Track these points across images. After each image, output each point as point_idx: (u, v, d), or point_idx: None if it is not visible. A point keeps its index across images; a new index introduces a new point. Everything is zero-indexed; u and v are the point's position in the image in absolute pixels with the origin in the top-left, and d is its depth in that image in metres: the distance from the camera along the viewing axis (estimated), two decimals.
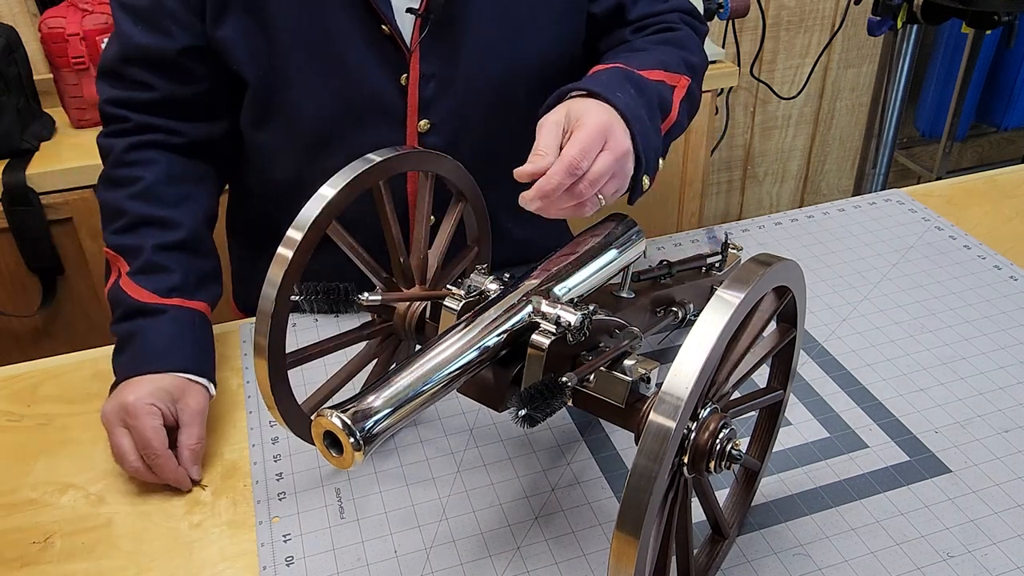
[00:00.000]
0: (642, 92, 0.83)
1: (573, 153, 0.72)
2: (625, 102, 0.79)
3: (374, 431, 0.56)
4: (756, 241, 1.12)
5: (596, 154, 0.74)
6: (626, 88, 0.82)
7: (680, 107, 0.90)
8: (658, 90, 0.87)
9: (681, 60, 0.93)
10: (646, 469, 0.49)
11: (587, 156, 0.73)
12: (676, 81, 0.91)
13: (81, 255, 1.74)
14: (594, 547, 0.72)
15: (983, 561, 0.70)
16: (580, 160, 0.72)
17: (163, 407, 0.80)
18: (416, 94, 0.93)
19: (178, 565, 0.73)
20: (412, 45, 0.90)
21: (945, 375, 0.89)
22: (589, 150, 0.73)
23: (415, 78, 0.92)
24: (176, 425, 0.81)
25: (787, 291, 0.64)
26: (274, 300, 0.68)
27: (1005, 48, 2.30)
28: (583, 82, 0.82)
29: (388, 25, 0.88)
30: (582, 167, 0.72)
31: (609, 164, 0.74)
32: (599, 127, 0.75)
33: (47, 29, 1.65)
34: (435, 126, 0.95)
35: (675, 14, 1.00)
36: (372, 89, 0.92)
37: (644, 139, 0.80)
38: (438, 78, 0.93)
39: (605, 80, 0.82)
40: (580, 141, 0.73)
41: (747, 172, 2.73)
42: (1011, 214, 1.17)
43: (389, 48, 0.90)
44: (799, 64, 2.57)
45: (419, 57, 0.91)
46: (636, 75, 0.85)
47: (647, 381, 0.65)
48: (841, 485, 0.77)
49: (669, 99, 0.88)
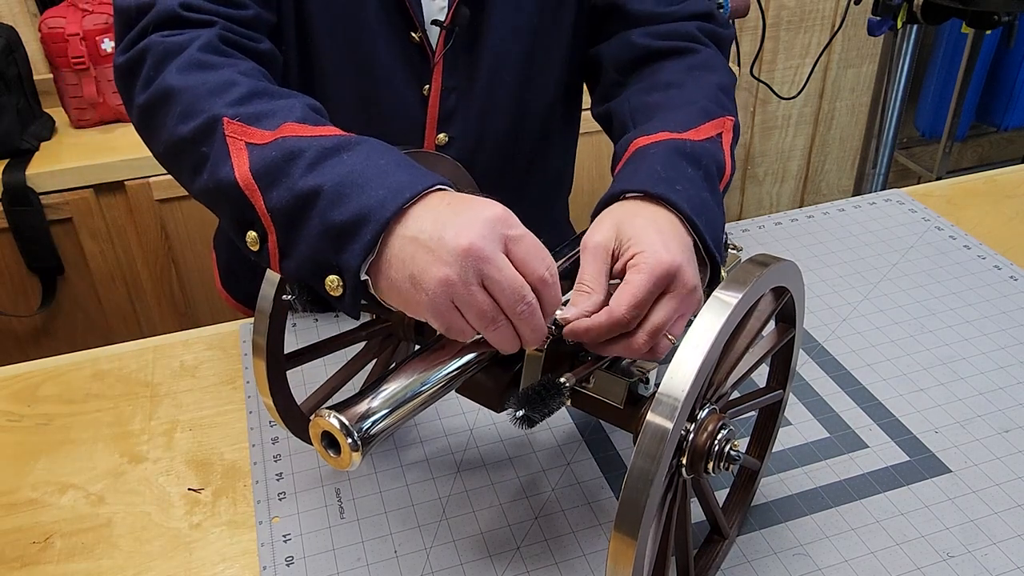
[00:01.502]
0: (699, 165, 0.73)
1: (622, 312, 0.61)
2: (688, 196, 0.68)
3: (372, 432, 0.57)
4: (756, 241, 1.12)
5: (653, 303, 0.63)
6: (684, 170, 0.71)
7: (731, 154, 0.79)
8: (712, 153, 0.76)
9: (716, 92, 0.83)
10: (643, 470, 0.49)
11: (640, 309, 0.62)
12: (722, 126, 0.79)
13: (81, 255, 1.74)
14: (594, 547, 0.72)
15: (983, 561, 0.70)
16: (631, 318, 0.62)
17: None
18: (437, 106, 0.93)
19: (178, 565, 0.73)
20: (436, 57, 0.90)
21: (945, 375, 0.89)
22: (643, 303, 0.62)
23: (437, 89, 0.92)
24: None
25: (785, 291, 0.64)
26: (272, 300, 0.68)
27: (1005, 48, 2.30)
28: (638, 178, 0.70)
29: (419, 32, 0.88)
30: (633, 323, 0.62)
31: (672, 311, 0.63)
32: (661, 271, 0.62)
33: (47, 29, 1.66)
34: (453, 139, 0.95)
35: (692, 23, 0.90)
36: (395, 97, 0.92)
37: (712, 233, 0.69)
38: (459, 91, 0.93)
39: (661, 171, 0.70)
40: (633, 294, 0.62)
41: (747, 172, 2.73)
42: (1011, 214, 1.17)
43: (416, 57, 0.90)
44: (799, 64, 2.57)
45: (442, 69, 0.91)
46: (689, 145, 0.74)
47: (646, 382, 0.65)
48: (841, 485, 0.77)
49: (722, 155, 0.77)
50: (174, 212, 1.75)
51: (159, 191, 1.70)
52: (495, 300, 0.58)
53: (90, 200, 1.68)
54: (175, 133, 0.69)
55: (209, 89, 0.69)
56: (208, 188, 0.67)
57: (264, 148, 0.64)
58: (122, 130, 1.77)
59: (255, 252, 0.66)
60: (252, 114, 0.67)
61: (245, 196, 0.64)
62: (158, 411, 0.89)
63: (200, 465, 0.82)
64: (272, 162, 0.63)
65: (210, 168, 0.66)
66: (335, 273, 0.60)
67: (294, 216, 0.62)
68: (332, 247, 0.60)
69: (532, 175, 1.05)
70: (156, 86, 0.71)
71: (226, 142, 0.66)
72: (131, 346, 0.98)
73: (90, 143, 1.73)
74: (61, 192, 1.65)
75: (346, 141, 0.64)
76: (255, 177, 0.64)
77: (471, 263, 0.56)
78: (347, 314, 0.61)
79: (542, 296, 0.59)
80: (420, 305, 0.58)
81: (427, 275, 0.57)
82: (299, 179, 0.62)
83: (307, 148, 0.63)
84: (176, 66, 0.72)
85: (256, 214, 0.64)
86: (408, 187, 0.60)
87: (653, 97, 0.84)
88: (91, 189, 1.67)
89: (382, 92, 0.91)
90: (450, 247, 0.57)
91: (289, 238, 0.63)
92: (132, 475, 0.82)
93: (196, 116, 0.68)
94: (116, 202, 1.70)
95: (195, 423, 0.87)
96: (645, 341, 0.63)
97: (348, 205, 0.60)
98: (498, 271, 0.57)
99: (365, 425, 0.56)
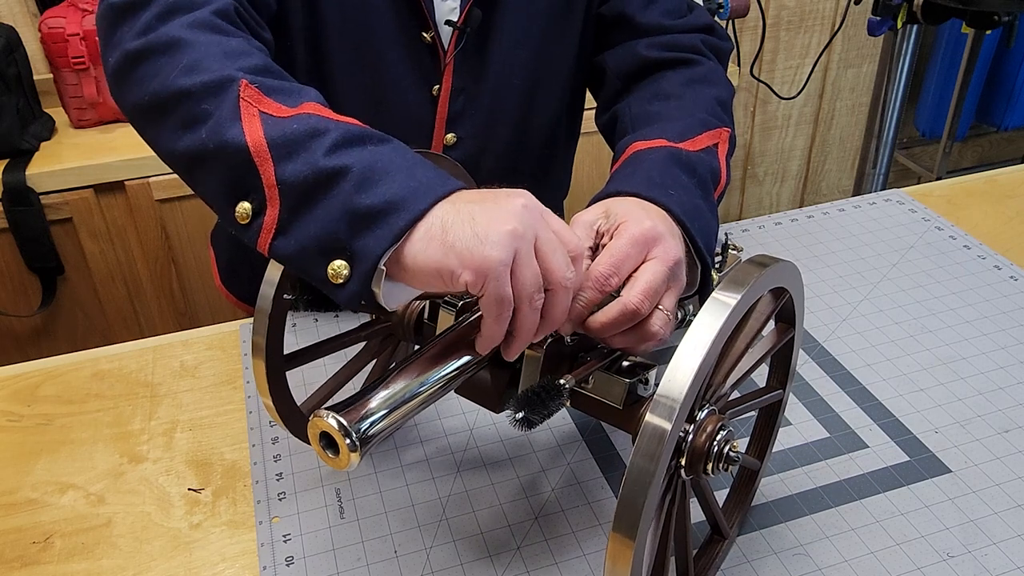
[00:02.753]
0: (694, 173, 0.75)
1: (600, 269, 0.63)
2: (680, 200, 0.70)
3: (370, 433, 0.57)
4: (756, 241, 1.12)
5: (634, 266, 0.64)
6: (678, 177, 0.73)
7: (727, 164, 0.82)
8: (708, 162, 0.78)
9: (714, 104, 0.85)
10: (642, 470, 0.49)
11: (619, 270, 0.63)
12: (718, 137, 0.81)
13: (81, 255, 1.74)
14: (594, 547, 0.72)
15: (983, 561, 0.70)
16: (609, 275, 0.63)
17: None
18: (446, 107, 0.93)
19: (178, 565, 0.73)
20: (448, 57, 0.90)
21: (945, 375, 0.89)
22: (621, 263, 0.63)
23: (446, 90, 0.92)
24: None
25: (784, 292, 0.64)
26: (272, 300, 0.68)
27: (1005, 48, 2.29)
28: (633, 182, 0.72)
29: (431, 32, 0.88)
30: (612, 283, 0.63)
31: (657, 273, 0.64)
32: (638, 234, 0.64)
33: (47, 29, 1.66)
34: (461, 140, 0.96)
35: (696, 35, 0.92)
36: (404, 96, 0.92)
37: (705, 237, 0.71)
38: (468, 92, 0.93)
39: (656, 176, 0.72)
40: (611, 253, 0.64)
41: (747, 172, 2.73)
42: (1011, 214, 1.17)
43: (426, 57, 0.90)
44: (799, 64, 2.57)
45: (452, 69, 0.91)
46: (685, 154, 0.76)
47: (645, 383, 0.65)
48: (841, 485, 0.77)
49: (718, 165, 0.79)
50: (174, 212, 1.75)
51: (159, 191, 1.70)
52: (541, 266, 0.58)
53: (90, 200, 1.68)
54: (174, 84, 0.64)
55: (224, 51, 0.66)
56: (202, 147, 0.63)
57: (284, 120, 0.61)
58: (122, 130, 1.77)
59: (242, 225, 0.62)
60: (271, 86, 0.64)
61: (253, 162, 0.61)
62: (158, 411, 0.89)
63: (200, 465, 0.82)
64: (293, 134, 0.60)
65: (212, 126, 0.62)
66: (344, 258, 0.58)
67: (311, 193, 0.59)
68: (351, 230, 0.58)
69: (541, 175, 1.06)
70: (159, 34, 0.67)
71: (238, 104, 0.62)
72: (131, 346, 0.98)
73: (90, 143, 1.73)
74: (61, 192, 1.66)
75: (372, 134, 0.62)
76: (270, 145, 0.60)
77: (531, 217, 0.57)
78: (344, 304, 0.59)
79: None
80: (482, 259, 0.55)
81: (493, 228, 0.56)
82: (322, 156, 0.59)
83: (333, 129, 0.61)
84: (187, 21, 0.67)
85: (260, 183, 0.61)
86: (439, 185, 0.59)
87: (654, 106, 0.85)
88: (91, 189, 1.67)
89: (391, 91, 0.91)
90: (510, 207, 0.57)
91: (296, 215, 0.60)
92: (132, 475, 0.82)
93: (205, 72, 0.64)
94: (116, 202, 1.70)
95: (195, 423, 0.87)
96: (640, 301, 0.63)
97: (378, 190, 0.58)
98: (549, 228, 0.59)
99: (363, 426, 0.56)
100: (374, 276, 0.58)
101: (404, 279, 0.59)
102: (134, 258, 1.78)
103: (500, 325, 0.58)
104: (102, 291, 1.80)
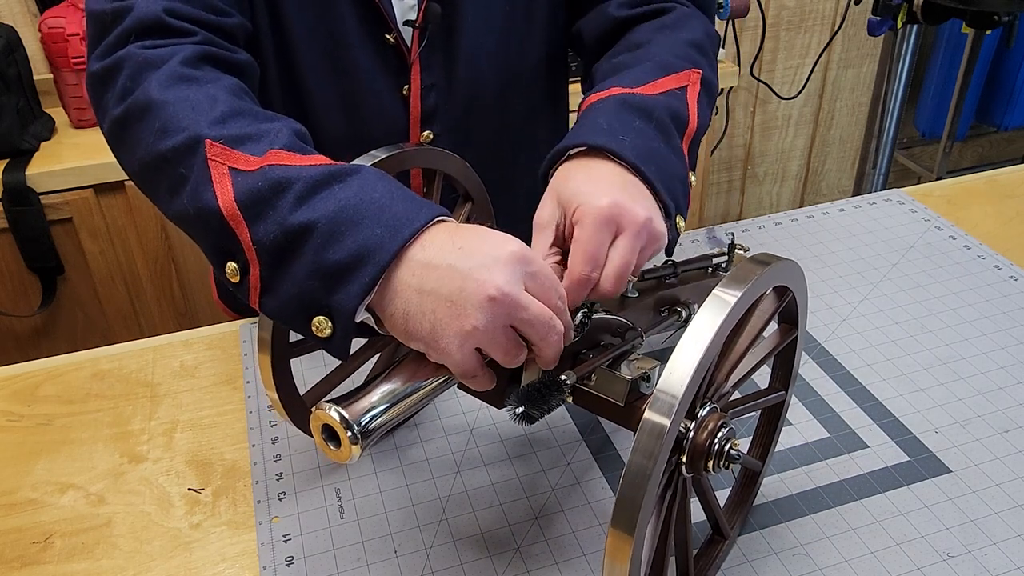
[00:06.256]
0: (649, 118, 0.72)
1: (579, 269, 0.63)
2: (633, 144, 0.69)
3: (371, 426, 0.57)
4: (756, 241, 1.12)
5: (607, 249, 0.64)
6: (630, 123, 0.71)
7: (699, 107, 0.78)
8: (668, 104, 0.75)
9: (685, 47, 0.82)
10: (641, 466, 0.49)
11: (596, 261, 0.63)
12: (686, 79, 0.79)
13: (81, 255, 1.74)
14: (594, 547, 0.72)
15: (983, 561, 0.70)
16: (590, 271, 0.63)
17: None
18: (418, 105, 0.93)
19: (178, 565, 0.73)
20: (412, 56, 0.90)
21: (945, 375, 0.89)
22: (597, 254, 0.63)
23: (416, 89, 0.92)
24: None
25: (787, 291, 0.64)
26: None
27: (1005, 48, 2.30)
28: (580, 133, 0.71)
29: (393, 33, 0.88)
30: (593, 276, 0.63)
31: (629, 249, 0.64)
32: (601, 217, 0.63)
33: (47, 29, 1.66)
34: (438, 136, 0.95)
35: None
36: (376, 98, 0.92)
37: (666, 180, 0.69)
38: (438, 88, 0.93)
39: (604, 123, 0.71)
40: (583, 248, 0.63)
41: (747, 172, 2.73)
42: (1011, 214, 1.17)
43: (392, 58, 0.90)
44: (799, 64, 2.57)
45: (419, 68, 0.91)
46: (638, 98, 0.74)
47: (647, 380, 0.65)
48: (841, 485, 0.77)
49: (683, 108, 0.77)
50: None
51: None
52: (523, 336, 0.58)
53: (90, 200, 1.68)
54: (153, 149, 0.66)
55: (191, 105, 0.66)
56: (187, 212, 0.64)
57: (250, 176, 0.61)
58: None
59: (235, 284, 0.63)
60: (236, 136, 0.64)
61: (229, 226, 0.61)
62: (158, 411, 0.89)
63: (200, 465, 0.82)
64: (259, 193, 0.60)
65: (190, 191, 0.63)
66: (324, 314, 0.59)
67: (282, 252, 0.59)
68: (324, 287, 0.58)
69: (522, 164, 1.05)
70: (134, 98, 0.68)
71: (208, 165, 0.63)
72: (131, 346, 0.98)
73: (90, 143, 1.73)
74: (61, 192, 1.65)
75: (337, 171, 0.61)
76: (240, 207, 0.60)
77: (499, 311, 0.56)
78: (335, 356, 0.60)
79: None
80: (441, 353, 0.57)
81: (450, 328, 0.56)
82: (288, 213, 0.59)
83: (296, 179, 0.60)
84: (157, 78, 0.68)
85: (239, 246, 0.61)
86: (406, 223, 0.58)
87: (620, 58, 0.83)
88: (91, 189, 1.67)
89: (363, 93, 0.91)
90: (475, 300, 0.55)
91: (274, 274, 0.60)
92: (132, 475, 0.82)
93: (176, 133, 0.64)
94: (116, 202, 1.70)
95: (195, 423, 0.87)
96: (613, 284, 0.64)
97: (343, 244, 0.57)
98: (527, 311, 0.57)
99: (365, 419, 0.56)
100: (353, 329, 0.58)
101: (388, 325, 0.60)
102: (134, 258, 1.77)
103: (519, 360, 0.59)
104: (102, 291, 1.80)
